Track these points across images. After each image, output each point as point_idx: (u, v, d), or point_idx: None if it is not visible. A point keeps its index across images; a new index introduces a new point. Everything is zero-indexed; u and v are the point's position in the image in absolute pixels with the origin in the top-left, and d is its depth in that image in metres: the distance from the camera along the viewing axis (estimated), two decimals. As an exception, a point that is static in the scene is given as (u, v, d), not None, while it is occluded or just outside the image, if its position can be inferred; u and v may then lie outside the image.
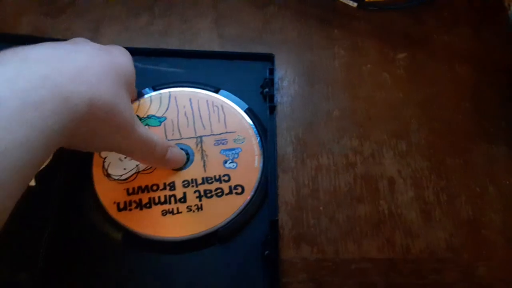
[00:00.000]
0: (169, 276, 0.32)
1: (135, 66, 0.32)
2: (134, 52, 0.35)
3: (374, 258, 0.34)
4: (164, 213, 0.34)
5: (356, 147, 0.39)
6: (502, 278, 0.33)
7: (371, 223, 0.35)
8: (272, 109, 0.39)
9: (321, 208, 0.36)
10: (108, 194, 0.34)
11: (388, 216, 0.36)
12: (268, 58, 0.41)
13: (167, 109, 0.38)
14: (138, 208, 0.34)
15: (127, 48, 0.34)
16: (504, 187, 0.37)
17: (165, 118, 0.37)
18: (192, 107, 0.38)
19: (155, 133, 0.32)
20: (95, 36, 0.43)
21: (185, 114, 0.38)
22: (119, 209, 0.33)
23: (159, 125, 0.37)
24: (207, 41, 0.43)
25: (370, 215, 0.36)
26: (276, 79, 0.41)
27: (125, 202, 0.34)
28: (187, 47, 0.43)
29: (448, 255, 0.34)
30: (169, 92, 0.38)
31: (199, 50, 0.42)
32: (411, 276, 0.33)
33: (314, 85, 0.42)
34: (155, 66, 0.41)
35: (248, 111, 0.38)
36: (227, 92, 0.39)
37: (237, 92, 0.39)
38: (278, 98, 0.41)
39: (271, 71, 0.40)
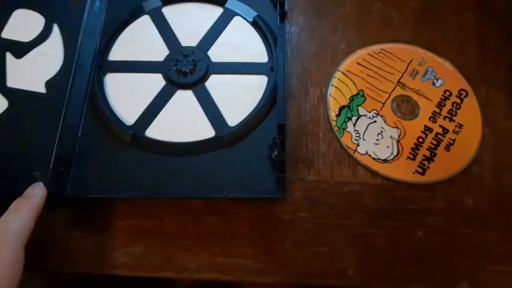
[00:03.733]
0: (177, 176, 0.32)
1: None
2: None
3: (368, 183, 0.35)
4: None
5: (360, 80, 0.39)
6: (487, 210, 0.35)
7: (368, 151, 0.36)
8: (283, 16, 0.38)
9: (320, 134, 0.37)
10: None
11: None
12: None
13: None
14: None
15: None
16: (498, 129, 0.38)
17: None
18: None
19: None
20: None
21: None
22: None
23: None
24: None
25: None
26: (285, 8, 0.41)
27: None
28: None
29: (438, 187, 0.35)
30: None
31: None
32: (402, 202, 0.34)
33: (323, 18, 0.42)
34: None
35: (257, 18, 0.38)
36: (236, 1, 0.39)
37: (246, 1, 0.39)
38: (287, 27, 0.41)
39: None
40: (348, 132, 0.37)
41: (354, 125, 0.37)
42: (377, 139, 0.37)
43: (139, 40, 0.38)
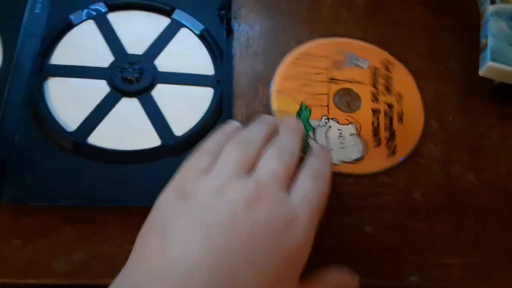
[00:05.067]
0: (120, 184, 0.32)
1: None
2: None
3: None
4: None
5: (309, 79, 0.39)
6: (436, 202, 0.35)
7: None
8: (229, 31, 0.38)
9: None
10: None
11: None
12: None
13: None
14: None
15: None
16: (447, 123, 0.38)
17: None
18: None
19: None
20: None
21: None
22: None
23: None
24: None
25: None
26: (235, 8, 0.41)
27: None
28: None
29: (386, 180, 0.35)
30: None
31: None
32: (350, 196, 0.34)
33: (273, 16, 0.42)
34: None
35: (204, 32, 0.38)
36: (183, 12, 0.39)
37: (194, 13, 0.39)
38: (236, 26, 0.41)
39: None
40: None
41: (316, 140, 0.36)
42: (341, 142, 0.36)
43: (82, 45, 0.38)
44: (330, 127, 0.37)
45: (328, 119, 0.37)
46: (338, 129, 0.37)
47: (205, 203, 0.24)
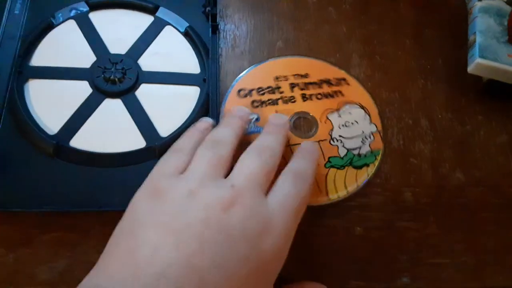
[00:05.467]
0: (104, 188, 0.31)
1: None
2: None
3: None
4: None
5: (297, 78, 0.39)
6: (426, 202, 0.34)
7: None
8: (215, 28, 0.38)
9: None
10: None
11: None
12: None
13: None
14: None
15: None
16: (436, 121, 0.38)
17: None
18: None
19: None
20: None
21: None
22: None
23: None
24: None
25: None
26: (220, 7, 0.40)
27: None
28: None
29: (376, 181, 0.35)
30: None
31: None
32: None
33: (259, 15, 0.41)
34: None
35: (189, 29, 0.37)
36: (167, 10, 0.38)
37: (178, 11, 0.38)
38: (222, 25, 0.40)
39: None
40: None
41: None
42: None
43: (63, 45, 0.36)
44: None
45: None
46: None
47: (178, 205, 0.23)
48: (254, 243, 0.22)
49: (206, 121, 0.31)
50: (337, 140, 0.35)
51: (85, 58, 0.36)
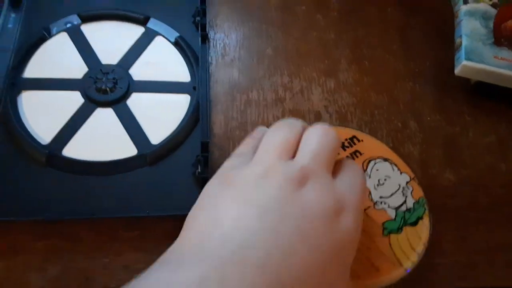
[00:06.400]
0: (96, 196, 0.31)
1: None
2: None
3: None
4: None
5: (286, 84, 0.39)
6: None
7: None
8: (204, 37, 0.39)
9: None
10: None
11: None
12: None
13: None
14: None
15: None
16: (424, 123, 0.38)
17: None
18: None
19: None
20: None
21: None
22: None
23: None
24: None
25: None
26: (210, 17, 0.41)
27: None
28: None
29: (366, 182, 0.35)
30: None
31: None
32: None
33: (248, 24, 0.42)
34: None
35: (179, 39, 0.38)
36: (158, 21, 0.39)
37: (168, 21, 0.39)
38: (212, 34, 0.41)
39: (203, 0, 0.40)
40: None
41: None
42: None
43: (56, 57, 0.37)
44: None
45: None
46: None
47: (252, 186, 0.23)
48: (331, 224, 0.22)
49: (262, 129, 0.29)
50: (381, 203, 0.32)
51: (77, 69, 0.37)
